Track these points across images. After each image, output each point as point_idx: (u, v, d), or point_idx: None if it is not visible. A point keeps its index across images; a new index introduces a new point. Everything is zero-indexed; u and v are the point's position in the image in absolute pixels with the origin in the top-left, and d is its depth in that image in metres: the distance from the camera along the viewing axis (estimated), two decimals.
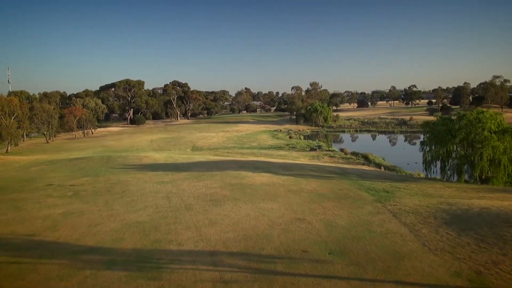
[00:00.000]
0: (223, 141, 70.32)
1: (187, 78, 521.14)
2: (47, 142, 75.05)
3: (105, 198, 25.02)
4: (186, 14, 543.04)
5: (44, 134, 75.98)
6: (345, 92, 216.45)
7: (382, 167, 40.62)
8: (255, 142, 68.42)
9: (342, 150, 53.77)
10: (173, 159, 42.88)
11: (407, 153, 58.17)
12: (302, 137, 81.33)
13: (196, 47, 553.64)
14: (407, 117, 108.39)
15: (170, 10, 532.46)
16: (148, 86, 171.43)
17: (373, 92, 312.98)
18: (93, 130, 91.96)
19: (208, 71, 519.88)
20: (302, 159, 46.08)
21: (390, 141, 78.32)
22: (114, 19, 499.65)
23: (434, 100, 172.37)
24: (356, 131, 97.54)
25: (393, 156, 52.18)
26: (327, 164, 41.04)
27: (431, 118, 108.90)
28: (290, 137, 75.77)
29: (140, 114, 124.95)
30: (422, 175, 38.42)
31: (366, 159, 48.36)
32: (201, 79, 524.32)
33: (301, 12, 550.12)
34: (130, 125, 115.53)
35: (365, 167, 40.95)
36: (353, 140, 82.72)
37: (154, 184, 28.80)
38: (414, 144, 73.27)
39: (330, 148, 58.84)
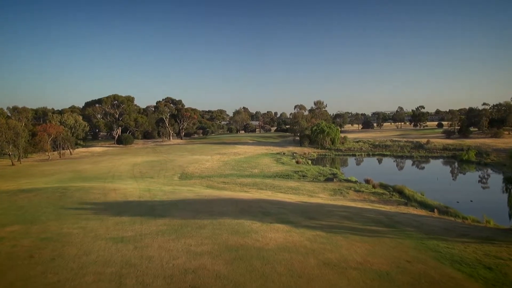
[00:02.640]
0: (219, 166, 59.49)
1: (183, 97, 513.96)
2: (13, 165, 64.00)
3: (13, 275, 14.19)
4: (182, 30, 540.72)
5: (9, 155, 64.99)
6: (345, 113, 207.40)
7: (436, 210, 29.81)
8: (257, 168, 57.64)
9: (367, 181, 43.07)
10: (151, 194, 32.06)
11: (445, 185, 47.58)
12: (310, 162, 70.72)
13: (193, 64, 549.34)
14: (423, 140, 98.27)
15: (164, 26, 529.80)
16: (142, 104, 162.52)
17: (373, 114, 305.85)
18: (71, 151, 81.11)
19: (205, 89, 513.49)
20: (321, 194, 35.36)
21: (413, 168, 67.49)
22: (106, 32, 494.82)
23: (445, 122, 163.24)
24: (369, 155, 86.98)
25: (431, 190, 41.48)
26: (359, 205, 30.30)
27: (450, 141, 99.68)
28: (297, 162, 65.05)
29: (129, 133, 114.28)
30: (493, 223, 27.71)
31: (402, 194, 37.69)
32: (198, 98, 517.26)
33: (300, 30, 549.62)
34: (117, 145, 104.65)
35: (412, 210, 30.20)
36: (368, 166, 71.98)
37: (108, 242, 17.96)
38: (443, 171, 62.71)
39: (350, 179, 48.09)
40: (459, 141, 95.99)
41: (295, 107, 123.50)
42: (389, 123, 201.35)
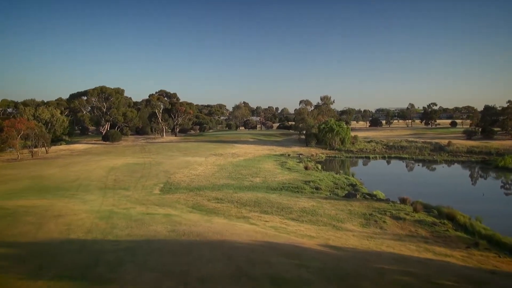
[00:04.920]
0: (213, 172, 49.50)
1: (183, 91, 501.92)
2: None
3: None
4: (181, 22, 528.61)
5: None
6: (349, 109, 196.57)
7: None
8: (258, 175, 47.71)
9: (403, 200, 33.08)
10: (108, 224, 22.21)
11: (497, 205, 37.61)
12: (319, 167, 60.83)
13: (192, 56, 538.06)
14: (443, 141, 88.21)
15: (162, 18, 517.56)
16: (138, 98, 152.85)
17: (377, 110, 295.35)
18: (47, 149, 71.22)
19: (205, 83, 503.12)
20: (350, 224, 25.53)
21: (443, 176, 56.62)
22: (106, 20, 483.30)
23: (458, 121, 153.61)
24: (384, 157, 76.99)
25: (486, 213, 31.58)
26: (413, 249, 20.35)
27: (473, 143, 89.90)
28: (305, 168, 54.98)
29: (117, 129, 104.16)
30: None
31: (454, 221, 27.94)
32: (198, 92, 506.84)
33: (302, 23, 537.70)
34: (103, 142, 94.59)
35: (493, 259, 20.13)
36: (389, 173, 61.74)
37: None
38: (482, 182, 52.36)
39: (375, 194, 38.20)
40: (483, 143, 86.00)
41: (301, 102, 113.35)
42: (396, 121, 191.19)
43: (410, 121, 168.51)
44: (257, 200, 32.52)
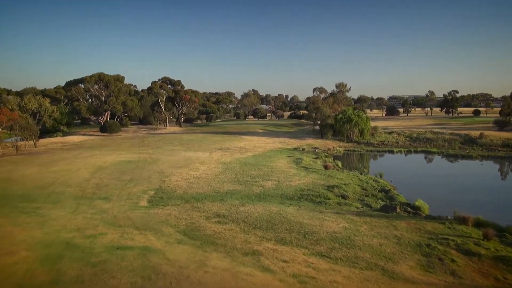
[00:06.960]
0: (217, 173, 41.99)
1: (191, 79, 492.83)
2: None
3: None
4: (187, 8, 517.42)
5: None
6: (361, 96, 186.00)
7: None
8: (271, 177, 40.09)
9: (463, 220, 25.04)
10: (50, 277, 15.04)
11: None
12: (340, 164, 52.97)
13: (198, 43, 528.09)
14: (474, 133, 79.31)
15: (167, 3, 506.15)
16: (144, 86, 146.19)
17: (390, 98, 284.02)
18: (35, 142, 64.46)
19: (213, 70, 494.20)
20: (404, 265, 17.84)
21: (488, 176, 47.78)
22: (108, 13, 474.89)
23: (482, 109, 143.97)
24: (410, 151, 68.63)
25: None
26: None
27: (507, 134, 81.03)
28: (325, 167, 47.18)
29: (117, 119, 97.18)
30: None
31: None
32: (206, 80, 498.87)
33: (309, 9, 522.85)
34: (100, 134, 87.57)
35: None
36: (422, 173, 52.29)
37: None
38: None
39: (417, 206, 30.25)
40: None
41: (314, 89, 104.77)
42: (412, 109, 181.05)
43: (428, 109, 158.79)
44: (270, 218, 24.98)
